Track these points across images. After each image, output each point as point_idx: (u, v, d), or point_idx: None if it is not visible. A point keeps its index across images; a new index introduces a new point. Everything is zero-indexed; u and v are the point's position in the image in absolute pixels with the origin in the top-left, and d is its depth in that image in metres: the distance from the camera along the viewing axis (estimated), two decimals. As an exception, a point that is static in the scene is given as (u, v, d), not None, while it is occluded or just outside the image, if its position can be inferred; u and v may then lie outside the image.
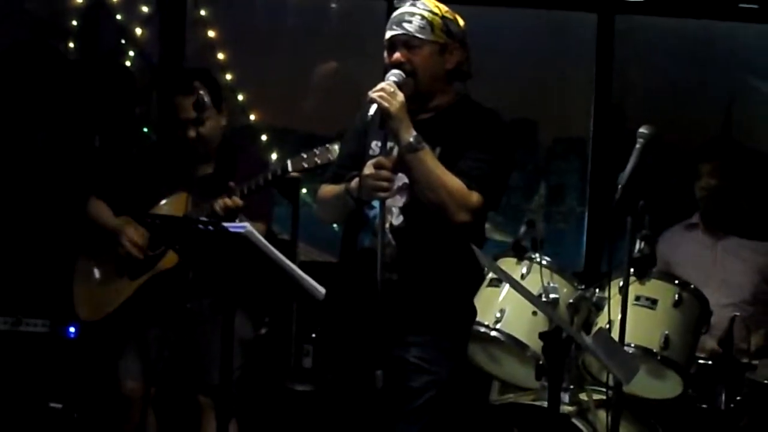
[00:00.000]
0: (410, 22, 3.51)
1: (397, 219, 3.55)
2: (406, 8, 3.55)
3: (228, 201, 4.22)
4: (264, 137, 6.09)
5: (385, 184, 3.39)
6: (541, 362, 3.60)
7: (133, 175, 4.66)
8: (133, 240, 4.41)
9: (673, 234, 4.96)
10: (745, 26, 6.01)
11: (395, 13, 3.60)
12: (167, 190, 4.48)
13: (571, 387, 4.18)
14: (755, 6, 5.87)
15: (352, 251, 3.70)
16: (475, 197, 3.46)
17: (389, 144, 3.49)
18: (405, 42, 3.52)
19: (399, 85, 3.44)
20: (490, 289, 4.16)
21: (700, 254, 4.81)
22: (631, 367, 3.49)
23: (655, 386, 4.24)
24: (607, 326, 3.88)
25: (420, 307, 3.55)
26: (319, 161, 3.97)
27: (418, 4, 3.56)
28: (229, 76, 5.85)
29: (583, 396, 4.21)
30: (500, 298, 4.16)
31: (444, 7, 3.58)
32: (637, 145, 3.63)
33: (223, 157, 4.57)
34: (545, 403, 3.41)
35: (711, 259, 4.78)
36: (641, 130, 3.66)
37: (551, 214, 6.12)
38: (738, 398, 4.11)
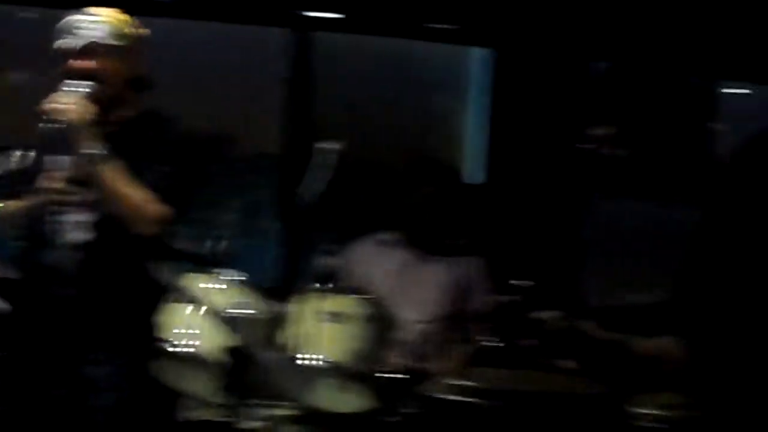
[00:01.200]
0: (89, 28, 3.52)
1: (77, 234, 3.51)
2: (80, 15, 3.55)
3: None
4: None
5: (62, 198, 3.40)
6: (226, 380, 3.58)
7: None
8: None
9: (366, 249, 4.96)
10: (438, 46, 6.05)
11: (67, 21, 3.55)
12: None
13: (263, 402, 4.10)
14: (445, 27, 5.85)
15: (32, 267, 3.63)
16: (159, 209, 3.48)
17: (70, 157, 3.42)
18: (86, 49, 3.49)
19: (81, 95, 3.42)
20: (176, 305, 3.96)
21: (394, 272, 4.83)
22: (310, 383, 3.81)
23: (342, 399, 4.13)
24: (296, 341, 3.87)
25: (100, 324, 3.51)
26: None
27: (91, 11, 3.56)
28: None
29: (272, 411, 4.16)
30: (186, 314, 3.97)
31: (118, 14, 3.60)
32: (320, 161, 3.75)
33: None
34: (233, 419, 3.54)
35: (404, 276, 4.81)
36: (322, 146, 3.80)
37: (246, 229, 5.73)
38: (417, 411, 4.08)
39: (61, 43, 3.53)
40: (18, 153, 3.76)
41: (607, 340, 4.39)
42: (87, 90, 3.44)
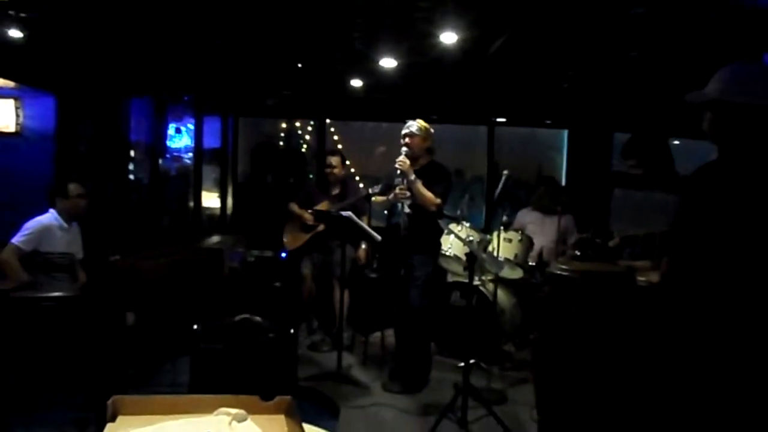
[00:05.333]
0: (411, 126, 5.24)
1: (407, 209, 5.27)
2: (411, 122, 5.23)
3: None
4: (357, 178, 8.29)
5: (405, 196, 5.15)
6: (466, 265, 4.68)
7: (304, 194, 6.65)
8: (308, 218, 6.33)
9: (525, 213, 6.78)
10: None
11: (407, 124, 5.22)
12: (319, 200, 6.49)
13: (480, 273, 6.07)
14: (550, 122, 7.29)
15: (390, 222, 5.41)
16: (438, 201, 5.15)
17: (404, 179, 5.14)
18: (410, 134, 5.20)
19: (407, 155, 5.13)
20: (445, 236, 5.73)
21: (536, 222, 6.67)
22: (501, 266, 5.55)
23: (512, 273, 6.26)
24: (493, 250, 5.57)
25: (418, 243, 5.24)
26: (379, 189, 5.46)
27: (417, 121, 5.20)
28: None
29: (483, 277, 6.19)
30: (451, 239, 5.79)
31: (425, 123, 5.21)
32: (502, 179, 4.99)
33: (344, 185, 6.51)
34: (467, 280, 4.69)
35: (540, 224, 6.64)
36: (504, 172, 5.03)
37: (471, 206, 7.48)
38: (543, 278, 5.84)
39: (404, 131, 5.10)
40: (381, 181, 5.46)
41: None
42: (408, 153, 5.11)
